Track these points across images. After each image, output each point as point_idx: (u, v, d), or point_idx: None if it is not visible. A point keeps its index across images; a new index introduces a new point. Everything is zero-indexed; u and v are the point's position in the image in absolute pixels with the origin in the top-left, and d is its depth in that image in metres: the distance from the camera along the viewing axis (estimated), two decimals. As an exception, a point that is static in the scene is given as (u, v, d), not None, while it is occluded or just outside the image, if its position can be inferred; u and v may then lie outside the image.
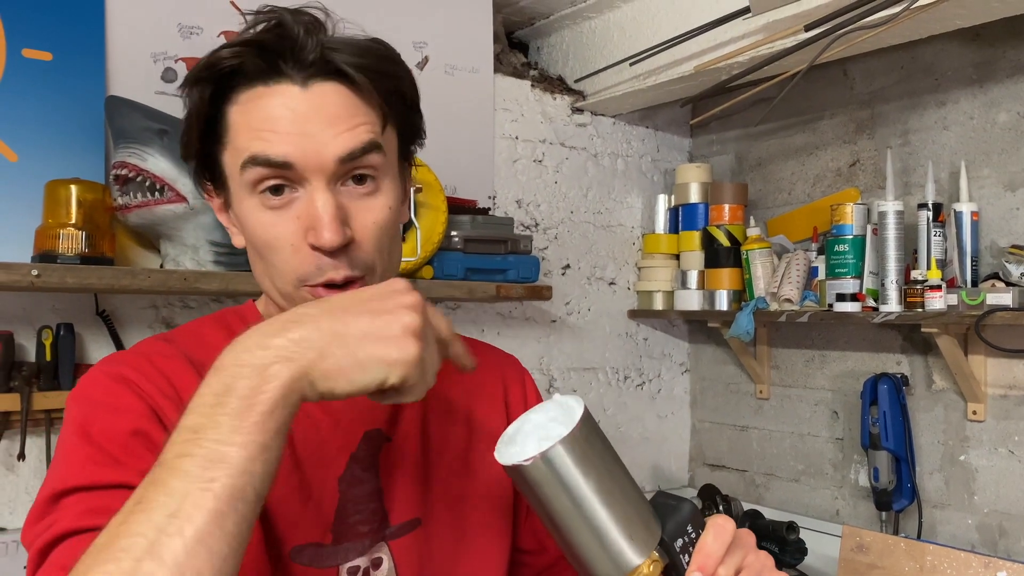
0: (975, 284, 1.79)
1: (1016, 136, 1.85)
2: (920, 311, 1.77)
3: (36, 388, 1.52)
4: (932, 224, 1.82)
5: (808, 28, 1.65)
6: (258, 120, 0.76)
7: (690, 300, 2.32)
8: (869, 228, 1.93)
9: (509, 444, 0.67)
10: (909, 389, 2.00)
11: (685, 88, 2.11)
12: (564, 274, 2.32)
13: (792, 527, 1.88)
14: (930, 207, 1.83)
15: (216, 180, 0.83)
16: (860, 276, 1.93)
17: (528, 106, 2.26)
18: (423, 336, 0.66)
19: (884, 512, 1.98)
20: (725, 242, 2.24)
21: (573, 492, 0.65)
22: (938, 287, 1.75)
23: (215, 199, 0.85)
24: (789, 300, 2.06)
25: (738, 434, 2.43)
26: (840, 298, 1.92)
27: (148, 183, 1.51)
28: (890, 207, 1.86)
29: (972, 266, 1.80)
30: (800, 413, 2.28)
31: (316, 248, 0.76)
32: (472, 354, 0.77)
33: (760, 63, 1.81)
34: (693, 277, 2.33)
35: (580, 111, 2.35)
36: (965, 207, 1.81)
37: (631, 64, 2.11)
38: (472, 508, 0.91)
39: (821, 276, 2.03)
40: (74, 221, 1.46)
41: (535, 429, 0.67)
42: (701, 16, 1.93)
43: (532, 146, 2.26)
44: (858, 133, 2.16)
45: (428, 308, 0.68)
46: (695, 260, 2.32)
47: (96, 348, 1.63)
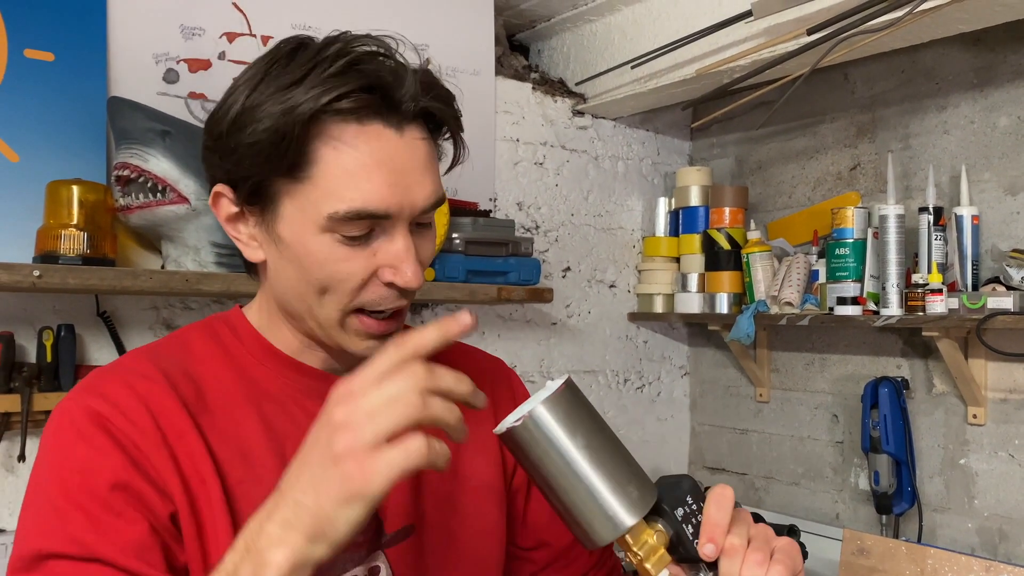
0: (976, 288, 1.79)
1: (1017, 140, 1.86)
2: (921, 315, 1.78)
3: (37, 389, 1.52)
4: (933, 228, 1.83)
5: (811, 32, 1.66)
6: (357, 166, 0.74)
7: (690, 303, 2.32)
8: (870, 232, 1.93)
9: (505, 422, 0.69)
10: (909, 393, 2.00)
11: (686, 91, 2.11)
12: (564, 276, 2.32)
13: (793, 530, 1.88)
14: (931, 211, 1.83)
15: (253, 196, 0.79)
16: (861, 280, 1.93)
17: (529, 109, 2.26)
18: (359, 443, 0.60)
19: (884, 516, 1.98)
20: (725, 245, 2.24)
21: (561, 450, 0.67)
22: (939, 291, 1.75)
23: (231, 208, 0.81)
24: (790, 303, 2.06)
25: (738, 437, 2.43)
26: (841, 301, 1.93)
27: (150, 184, 1.51)
28: (891, 211, 1.86)
29: (973, 270, 1.80)
30: (800, 416, 2.28)
31: (393, 286, 0.78)
32: (456, 359, 0.78)
33: (762, 67, 1.81)
34: (693, 280, 2.33)
35: (581, 114, 2.35)
36: (966, 211, 1.82)
37: (632, 67, 2.11)
38: (464, 513, 0.92)
39: (822, 279, 2.03)
40: (75, 222, 1.46)
41: (527, 405, 0.69)
42: (703, 19, 1.93)
43: (533, 149, 2.26)
44: (859, 137, 2.16)
45: (385, 381, 0.62)
46: (695, 263, 2.33)
47: (97, 349, 1.63)
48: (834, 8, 1.63)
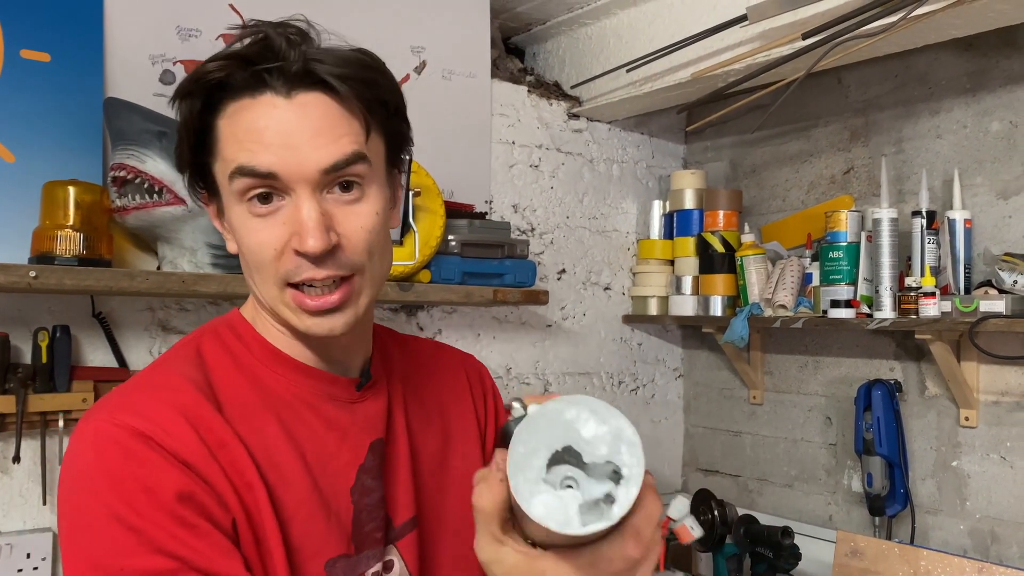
0: (968, 291, 1.80)
1: (1008, 145, 1.87)
2: (914, 318, 1.79)
3: (31, 390, 1.51)
4: (926, 231, 1.84)
5: (806, 36, 1.67)
6: (243, 131, 0.78)
7: (684, 305, 2.33)
8: (863, 235, 1.94)
9: (524, 472, 0.56)
10: (902, 395, 2.01)
11: (681, 95, 2.12)
12: (560, 279, 2.32)
13: (787, 532, 1.89)
14: (924, 215, 1.85)
15: (209, 188, 0.85)
16: (854, 283, 1.94)
17: (525, 111, 2.26)
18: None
19: (877, 517, 1.99)
20: (720, 248, 2.25)
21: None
22: (932, 294, 1.76)
23: (210, 206, 0.88)
24: (783, 306, 2.07)
25: (731, 439, 2.44)
26: (834, 304, 1.94)
27: (146, 185, 1.51)
28: (884, 214, 1.87)
29: (965, 273, 1.81)
30: (793, 419, 2.29)
31: (300, 253, 0.78)
32: (431, 354, 0.81)
33: (756, 71, 1.82)
34: (687, 283, 2.33)
35: (576, 117, 2.36)
36: (958, 215, 1.83)
37: (627, 71, 2.12)
38: (454, 501, 0.95)
39: (815, 282, 2.04)
40: (72, 223, 1.46)
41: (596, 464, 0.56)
42: (698, 23, 1.94)
43: (528, 151, 2.27)
44: (852, 141, 2.17)
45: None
46: (690, 266, 2.33)
47: (92, 351, 1.62)
48: (829, 13, 1.64)
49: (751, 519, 2.01)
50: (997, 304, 1.69)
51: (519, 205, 2.25)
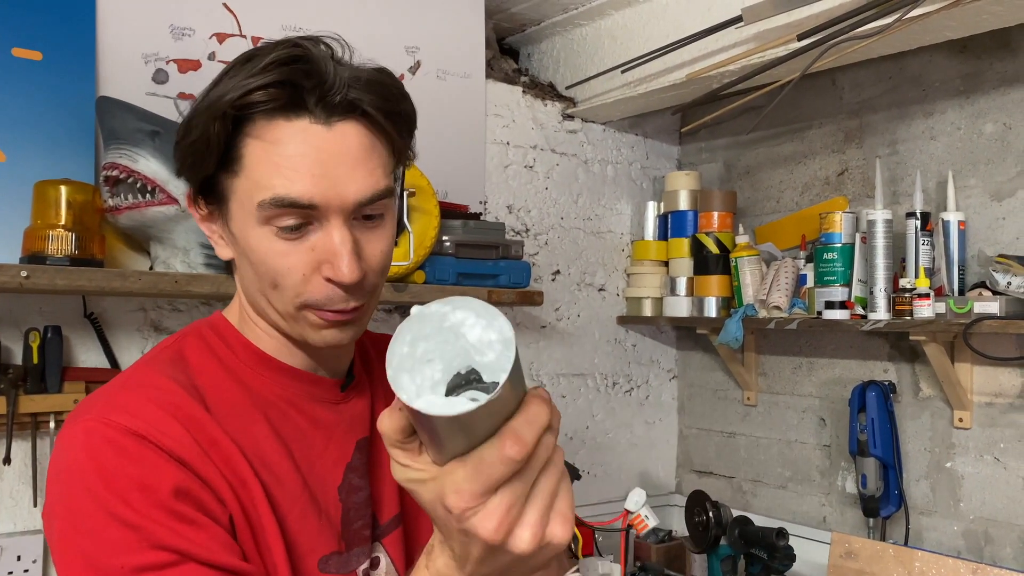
0: (962, 293, 1.80)
1: (1002, 147, 1.88)
2: (908, 319, 1.79)
3: (22, 391, 1.50)
4: (920, 233, 1.84)
5: (801, 38, 1.67)
6: (281, 158, 0.76)
7: (679, 307, 2.32)
8: (858, 236, 1.94)
9: (412, 373, 0.56)
10: (896, 396, 2.01)
11: (676, 96, 2.12)
12: (554, 280, 2.32)
13: (782, 533, 1.89)
14: (918, 216, 1.85)
15: (210, 195, 0.83)
16: (849, 284, 1.94)
17: (519, 112, 2.26)
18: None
19: (871, 519, 1.99)
20: (714, 249, 2.25)
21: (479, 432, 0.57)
22: (926, 295, 1.76)
23: (201, 210, 0.85)
24: (778, 307, 2.07)
25: (726, 441, 2.44)
26: (829, 306, 1.94)
27: (139, 184, 1.50)
28: (879, 216, 1.88)
29: (959, 275, 1.81)
30: (788, 420, 2.29)
31: (332, 281, 0.78)
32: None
33: (751, 72, 1.82)
34: (682, 284, 2.33)
35: (571, 117, 2.36)
36: (952, 216, 1.83)
37: (622, 71, 2.12)
38: (410, 499, 0.96)
39: (809, 284, 2.04)
40: (63, 222, 1.45)
41: (446, 353, 0.56)
42: (693, 24, 1.94)
43: (523, 152, 2.27)
44: (846, 142, 2.18)
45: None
46: (684, 267, 2.33)
47: (84, 351, 1.61)
48: (824, 15, 1.64)
49: (746, 520, 2.00)
50: (991, 305, 1.69)
51: (514, 206, 2.24)
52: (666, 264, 2.40)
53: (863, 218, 1.94)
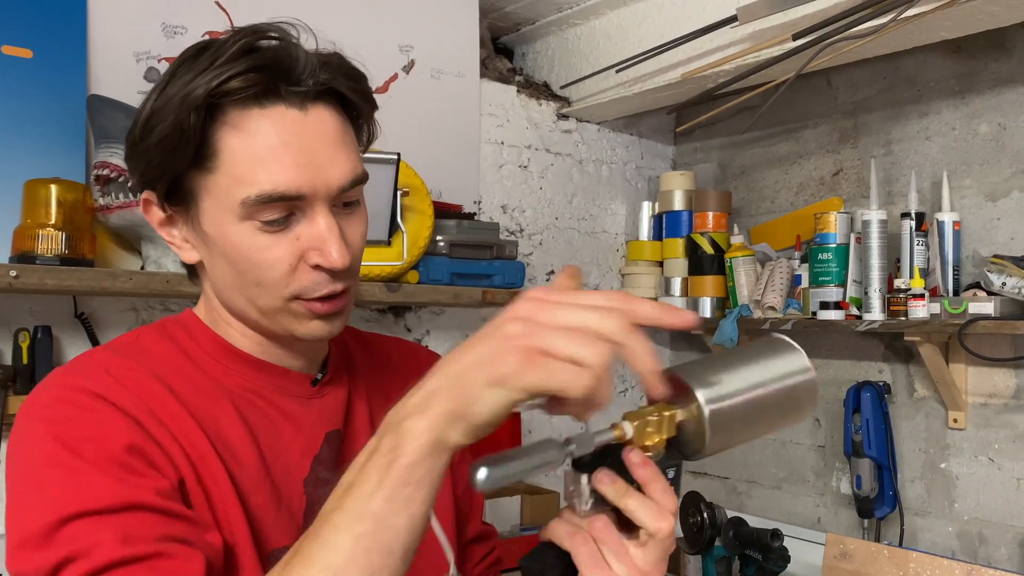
0: (957, 293, 1.80)
1: (997, 147, 1.87)
2: (903, 319, 1.79)
3: (12, 392, 1.49)
4: (915, 233, 1.84)
5: (796, 37, 1.66)
6: (263, 148, 0.75)
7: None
8: (852, 237, 1.94)
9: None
10: (891, 397, 2.01)
11: (671, 96, 2.12)
12: (549, 280, 2.31)
13: (776, 534, 1.88)
14: (913, 216, 1.85)
15: (173, 196, 0.80)
16: (843, 284, 1.94)
17: (514, 111, 2.25)
18: (531, 338, 0.58)
19: (866, 520, 1.99)
20: (709, 250, 2.25)
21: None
22: (921, 296, 1.76)
23: (160, 213, 0.82)
24: (772, 308, 2.07)
25: (720, 441, 2.44)
26: (823, 306, 1.93)
27: (130, 184, 1.48)
28: (874, 216, 1.87)
29: (954, 275, 1.81)
30: (782, 421, 2.28)
31: (321, 268, 0.78)
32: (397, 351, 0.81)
33: (746, 72, 1.82)
34: (677, 284, 2.33)
35: (565, 117, 2.35)
36: (947, 217, 1.83)
37: (617, 71, 2.11)
38: None
39: (804, 284, 2.04)
40: (53, 221, 1.43)
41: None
42: (688, 24, 1.94)
43: (517, 151, 2.26)
44: (841, 143, 2.17)
45: (551, 302, 0.60)
46: (679, 267, 2.33)
47: (74, 351, 1.60)
48: (819, 14, 1.64)
49: (740, 521, 2.00)
50: (986, 306, 1.69)
51: (508, 206, 2.24)
52: (661, 264, 2.40)
53: (858, 218, 1.94)
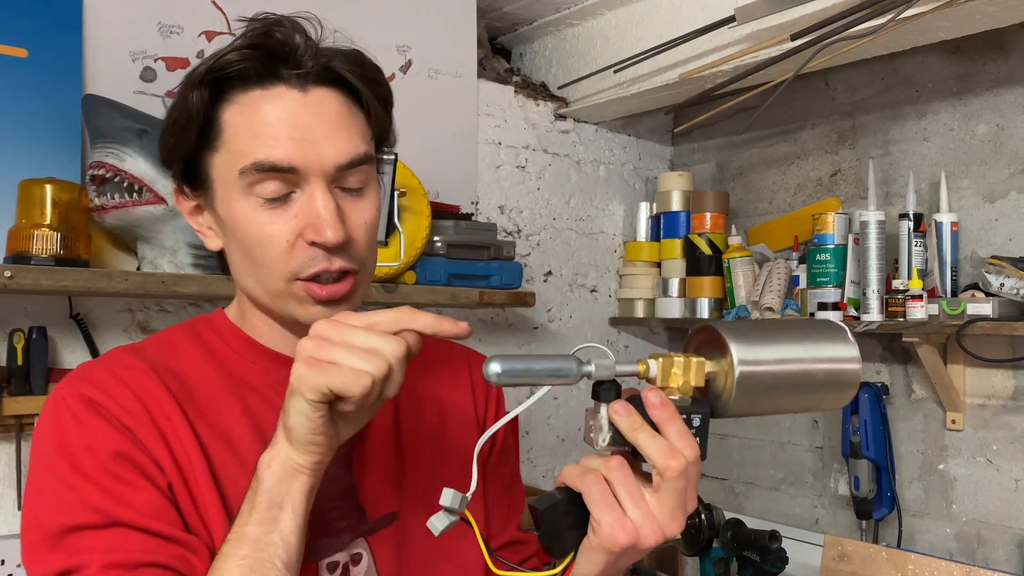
0: (955, 294, 1.80)
1: (995, 148, 1.87)
2: (901, 320, 1.78)
3: (7, 393, 1.48)
4: (913, 234, 1.84)
5: (794, 38, 1.66)
6: (259, 124, 0.78)
7: (671, 308, 2.32)
8: (851, 237, 1.94)
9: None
10: (889, 398, 2.01)
11: (669, 96, 2.11)
12: (546, 281, 2.31)
13: (775, 536, 1.88)
14: (911, 217, 1.84)
15: (195, 181, 0.84)
16: (841, 285, 1.94)
17: (511, 112, 2.25)
18: (320, 352, 0.68)
19: (864, 521, 1.98)
20: (706, 250, 2.24)
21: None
22: (919, 297, 1.76)
23: (189, 201, 0.86)
24: (770, 308, 2.06)
25: (718, 442, 2.43)
26: (822, 307, 1.93)
27: (126, 184, 1.48)
28: (872, 217, 1.87)
29: (952, 276, 1.81)
30: (780, 422, 2.28)
31: (316, 244, 0.79)
32: (434, 349, 0.81)
33: (744, 72, 1.82)
34: (674, 285, 2.32)
35: (563, 118, 2.35)
36: (945, 218, 1.83)
37: (615, 71, 2.11)
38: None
39: (802, 285, 2.03)
40: (49, 222, 1.43)
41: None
42: (686, 24, 1.93)
43: (515, 152, 2.25)
44: (839, 143, 2.17)
45: (338, 320, 0.70)
46: (676, 268, 2.32)
47: (70, 352, 1.59)
48: (817, 15, 1.63)
49: (738, 523, 1.99)
50: (984, 307, 1.69)
51: (505, 206, 2.23)
52: (658, 265, 2.39)
53: (856, 219, 1.94)
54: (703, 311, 2.25)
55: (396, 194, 1.72)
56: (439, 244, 1.85)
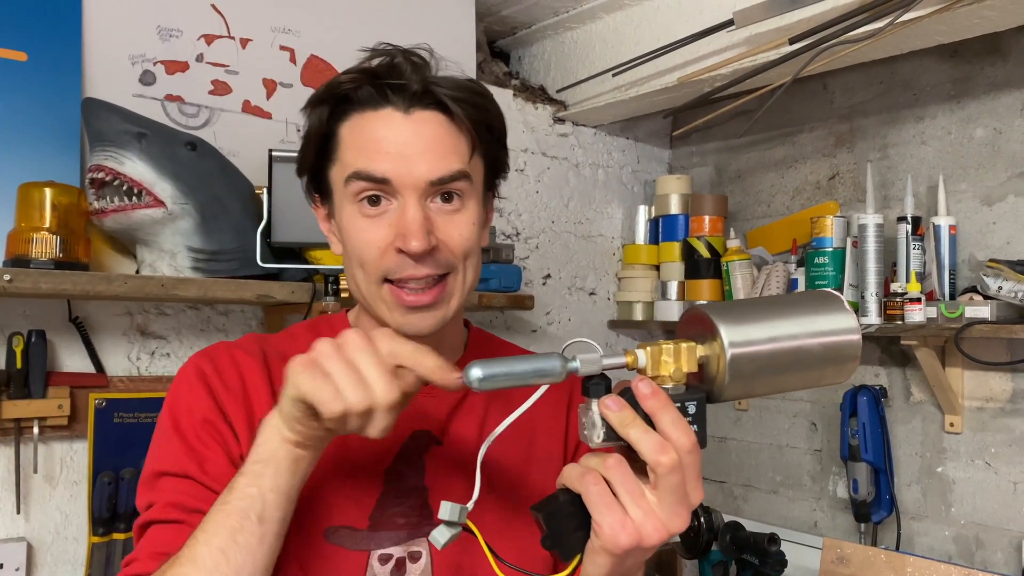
0: (953, 297, 1.80)
1: (992, 151, 1.88)
2: (899, 323, 1.79)
3: (6, 396, 1.48)
4: (911, 237, 1.84)
5: (792, 41, 1.66)
6: (364, 139, 0.87)
7: (670, 311, 2.32)
8: (849, 241, 1.94)
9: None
10: (887, 401, 2.01)
11: (667, 100, 2.12)
12: (545, 284, 2.31)
13: (773, 539, 1.88)
14: (909, 220, 1.85)
15: (323, 192, 0.94)
16: (840, 288, 1.94)
17: (510, 115, 2.23)
18: (325, 358, 0.72)
19: (863, 524, 1.98)
20: (705, 253, 2.25)
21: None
22: (917, 300, 1.76)
23: (320, 209, 0.97)
24: (769, 312, 2.07)
25: (717, 445, 2.43)
26: (820, 310, 1.93)
27: (125, 187, 1.48)
28: (870, 220, 1.87)
29: (950, 279, 1.81)
30: (779, 425, 2.28)
31: (402, 252, 0.86)
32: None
33: (743, 76, 1.82)
34: (673, 288, 2.33)
35: (562, 121, 2.35)
36: (943, 221, 1.83)
37: (613, 75, 2.11)
38: (520, 522, 0.93)
39: (801, 288, 2.04)
40: (48, 225, 1.43)
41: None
42: (684, 28, 1.94)
43: (514, 155, 2.25)
44: (838, 147, 2.18)
45: (343, 339, 0.74)
46: (675, 271, 2.33)
47: (69, 356, 1.59)
48: (815, 18, 1.64)
49: (737, 526, 1.99)
50: (982, 310, 1.69)
51: (504, 209, 2.23)
52: (657, 268, 2.40)
53: (854, 222, 1.94)
54: (702, 314, 2.25)
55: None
56: (438, 247, 1.85)
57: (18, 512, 1.53)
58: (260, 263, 1.60)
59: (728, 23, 1.80)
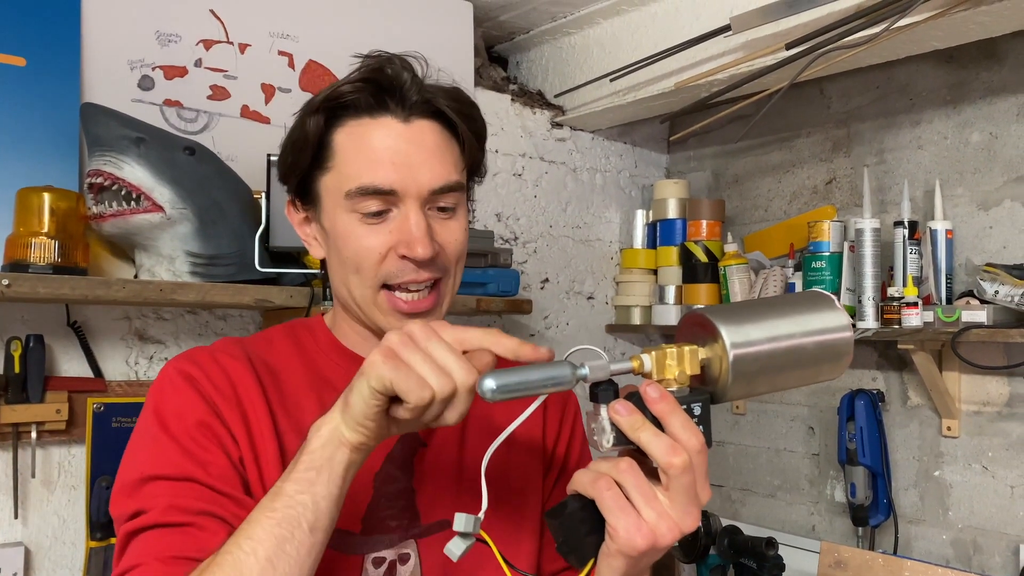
0: (950, 301, 1.81)
1: (989, 156, 1.88)
2: (896, 328, 1.79)
3: (4, 401, 1.48)
4: (908, 242, 1.85)
5: (790, 47, 1.67)
6: (367, 149, 0.88)
7: (668, 315, 2.32)
8: (846, 245, 1.94)
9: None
10: (885, 405, 2.02)
11: (664, 104, 2.12)
12: (543, 288, 2.31)
13: (771, 543, 1.88)
14: (906, 225, 1.85)
15: (306, 196, 0.94)
16: (837, 293, 1.94)
17: (508, 120, 2.25)
18: (401, 348, 0.71)
19: (860, 528, 1.99)
20: (703, 258, 2.25)
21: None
22: (914, 304, 1.76)
23: (299, 213, 0.97)
24: (767, 316, 2.07)
25: (714, 449, 2.44)
26: (817, 314, 1.93)
27: (124, 192, 1.48)
28: (867, 224, 1.88)
29: (947, 284, 1.82)
30: (776, 428, 2.28)
31: (406, 258, 0.88)
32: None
33: (739, 81, 1.83)
34: (671, 292, 2.33)
35: (560, 126, 2.36)
36: (940, 225, 1.84)
37: (611, 80, 2.12)
38: (504, 516, 0.96)
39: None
40: (46, 230, 1.43)
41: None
42: (681, 33, 1.94)
43: (512, 160, 2.26)
44: (834, 151, 2.18)
45: (416, 326, 0.73)
46: (673, 275, 2.33)
47: (67, 360, 1.59)
48: (812, 24, 1.65)
49: (735, 530, 2.00)
50: (979, 314, 1.69)
51: (502, 214, 2.24)
52: (655, 272, 2.40)
53: (851, 227, 1.94)
54: (699, 318, 2.25)
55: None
56: (436, 252, 1.85)
57: (16, 517, 1.53)
58: (258, 267, 1.60)
59: (725, 28, 1.80)
